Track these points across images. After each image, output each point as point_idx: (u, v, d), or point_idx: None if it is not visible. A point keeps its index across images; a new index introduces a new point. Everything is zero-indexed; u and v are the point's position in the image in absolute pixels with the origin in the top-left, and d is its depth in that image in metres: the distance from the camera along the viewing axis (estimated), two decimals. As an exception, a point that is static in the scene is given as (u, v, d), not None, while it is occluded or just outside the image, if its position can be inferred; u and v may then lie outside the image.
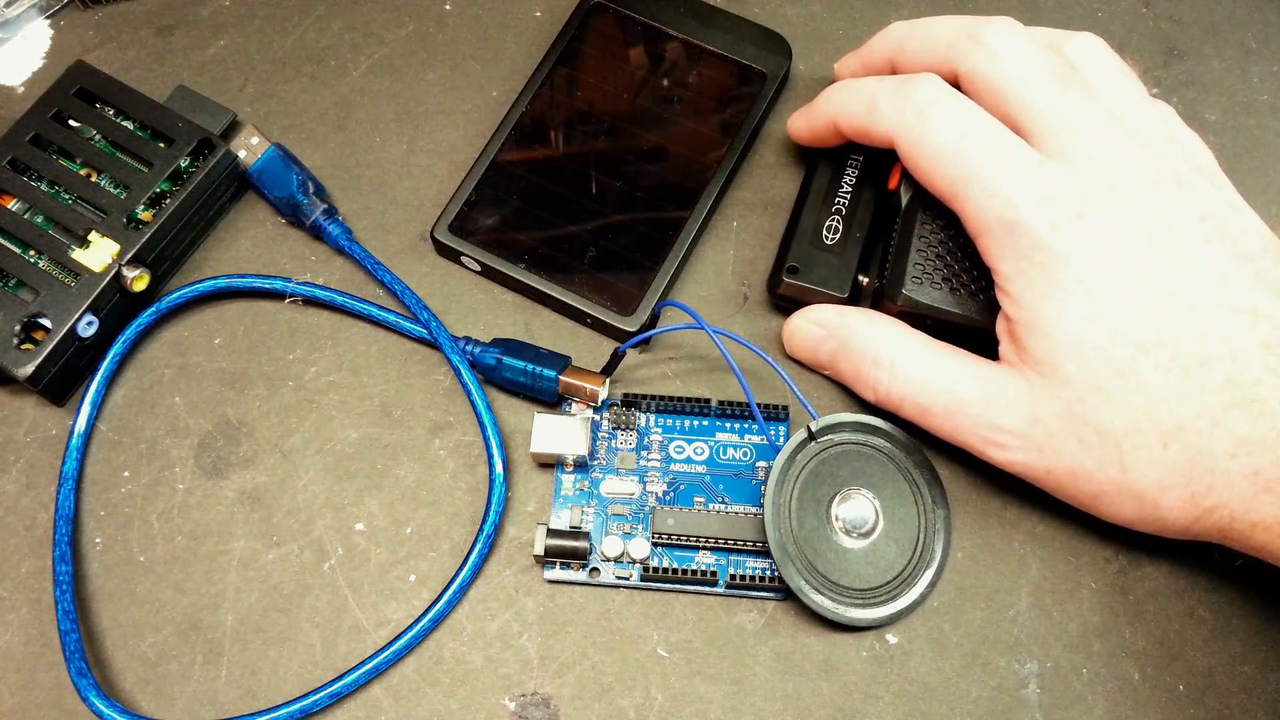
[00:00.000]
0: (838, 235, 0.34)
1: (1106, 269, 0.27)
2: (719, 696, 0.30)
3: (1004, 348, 0.30)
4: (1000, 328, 0.30)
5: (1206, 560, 0.32)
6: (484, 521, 0.31)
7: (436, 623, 0.31)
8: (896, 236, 0.32)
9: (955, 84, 0.31)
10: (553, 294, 0.34)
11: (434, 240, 0.35)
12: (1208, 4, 0.41)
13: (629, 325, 0.33)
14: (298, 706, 0.29)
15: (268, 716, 0.29)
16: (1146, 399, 0.27)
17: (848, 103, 0.33)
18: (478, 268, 0.35)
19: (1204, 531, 0.28)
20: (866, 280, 0.34)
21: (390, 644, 0.30)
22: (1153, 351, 0.27)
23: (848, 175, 0.35)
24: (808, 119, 0.35)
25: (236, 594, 0.31)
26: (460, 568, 0.31)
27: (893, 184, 0.33)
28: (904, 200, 0.32)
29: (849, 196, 0.34)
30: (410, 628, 0.30)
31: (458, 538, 0.32)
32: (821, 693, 0.30)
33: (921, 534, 0.31)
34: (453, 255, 0.35)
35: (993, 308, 0.30)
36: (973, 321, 0.31)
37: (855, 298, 0.33)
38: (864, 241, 0.34)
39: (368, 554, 0.32)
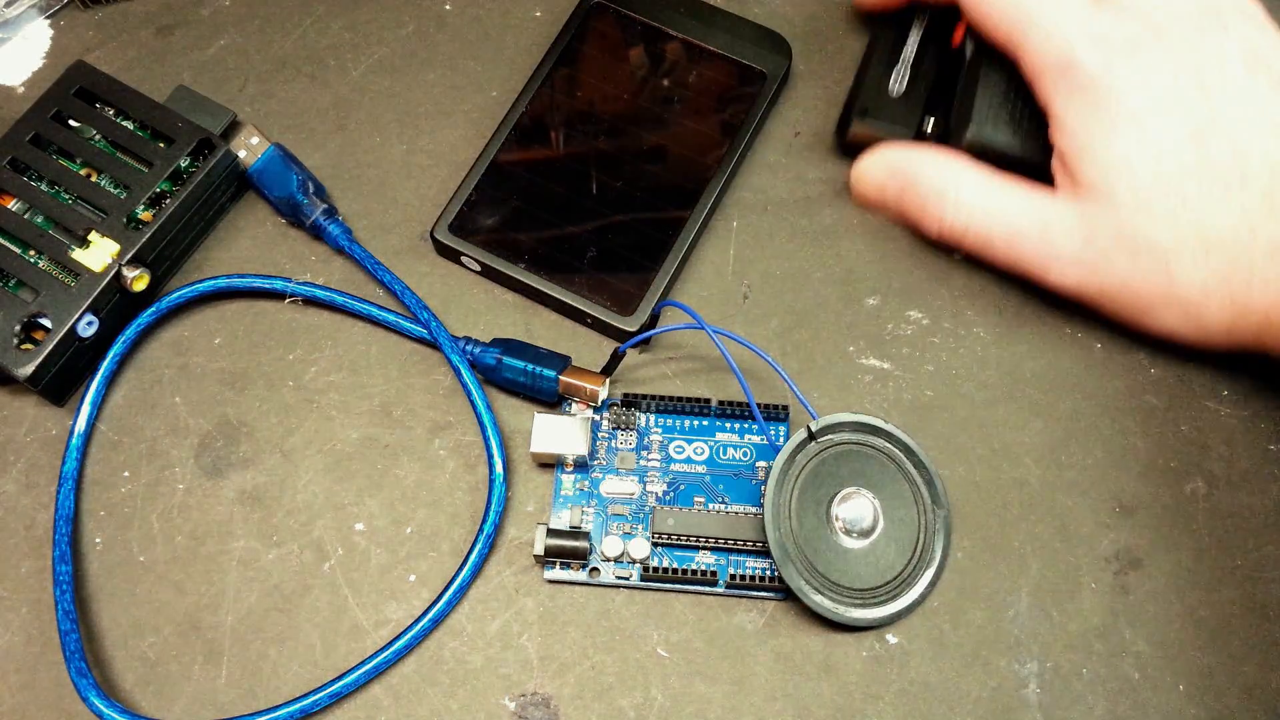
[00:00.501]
0: (904, 85, 0.36)
1: (1155, 101, 0.30)
2: (719, 696, 0.30)
3: (1059, 180, 0.32)
4: (1055, 163, 0.32)
5: (1207, 560, 0.32)
6: (484, 521, 0.31)
7: (436, 623, 0.31)
8: (962, 83, 0.35)
9: None
10: (553, 294, 0.34)
11: (434, 240, 0.35)
12: (1208, 4, 0.41)
13: (629, 325, 0.33)
14: (298, 706, 0.29)
15: (267, 716, 0.29)
16: (1191, 213, 0.30)
17: None
18: (478, 268, 0.35)
19: (1242, 336, 0.31)
20: (932, 124, 0.35)
21: (390, 644, 0.30)
22: (1196, 171, 0.30)
23: (912, 34, 0.36)
24: None
25: (236, 594, 0.31)
26: (460, 568, 0.31)
27: (956, 40, 0.35)
28: (968, 54, 0.35)
29: (915, 52, 0.36)
30: (410, 628, 0.30)
31: (458, 538, 0.32)
32: (821, 693, 0.30)
33: (921, 534, 0.31)
34: (453, 255, 0.35)
35: (1051, 148, 0.32)
36: (1034, 159, 0.33)
37: (921, 140, 0.35)
38: (929, 91, 0.36)
39: (368, 554, 0.32)
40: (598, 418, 0.33)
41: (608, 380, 0.32)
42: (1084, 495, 0.32)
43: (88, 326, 0.33)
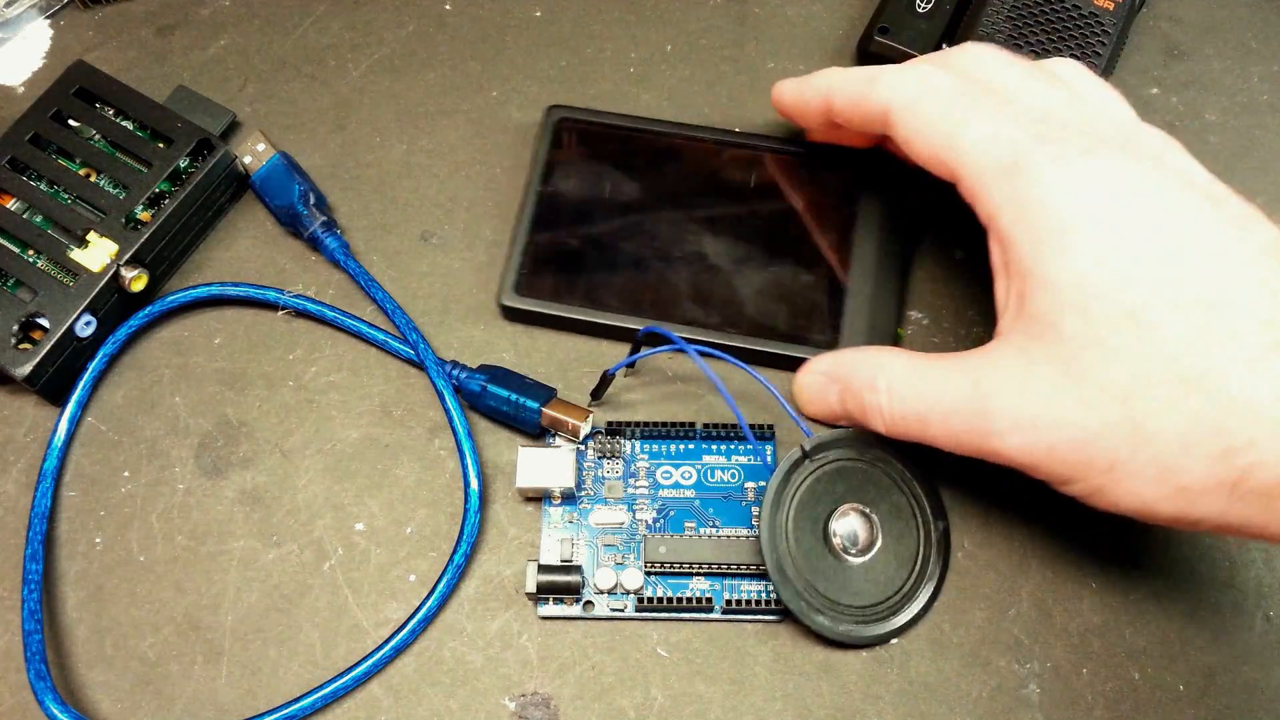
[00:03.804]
0: (931, 4, 0.37)
1: (1115, 207, 0.25)
2: (719, 696, 0.30)
3: (1002, 323, 0.28)
4: (1000, 295, 0.28)
5: (1207, 560, 0.32)
6: (455, 552, 0.31)
7: (427, 622, 0.30)
8: (973, 4, 0.37)
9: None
10: (739, 345, 0.33)
11: (502, 308, 0.34)
12: (1208, 4, 0.41)
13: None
14: (297, 706, 0.29)
15: (268, 719, 0.29)
16: (1160, 344, 0.24)
17: (848, 77, 0.32)
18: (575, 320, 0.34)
19: (1242, 509, 0.24)
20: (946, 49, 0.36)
21: (385, 643, 0.30)
22: (1167, 289, 0.24)
23: None
24: (799, 87, 0.34)
25: (236, 594, 0.31)
26: (427, 597, 0.30)
27: None
28: None
29: None
30: (403, 627, 0.30)
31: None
32: (821, 693, 0.30)
33: (921, 547, 0.30)
34: (525, 318, 0.34)
35: None
36: None
37: None
38: (954, 13, 0.37)
39: (368, 554, 0.32)
40: (583, 447, 0.33)
41: (590, 416, 0.32)
42: (1084, 495, 0.32)
43: (86, 326, 0.33)
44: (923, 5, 0.37)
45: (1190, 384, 0.24)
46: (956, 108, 0.28)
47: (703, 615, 0.31)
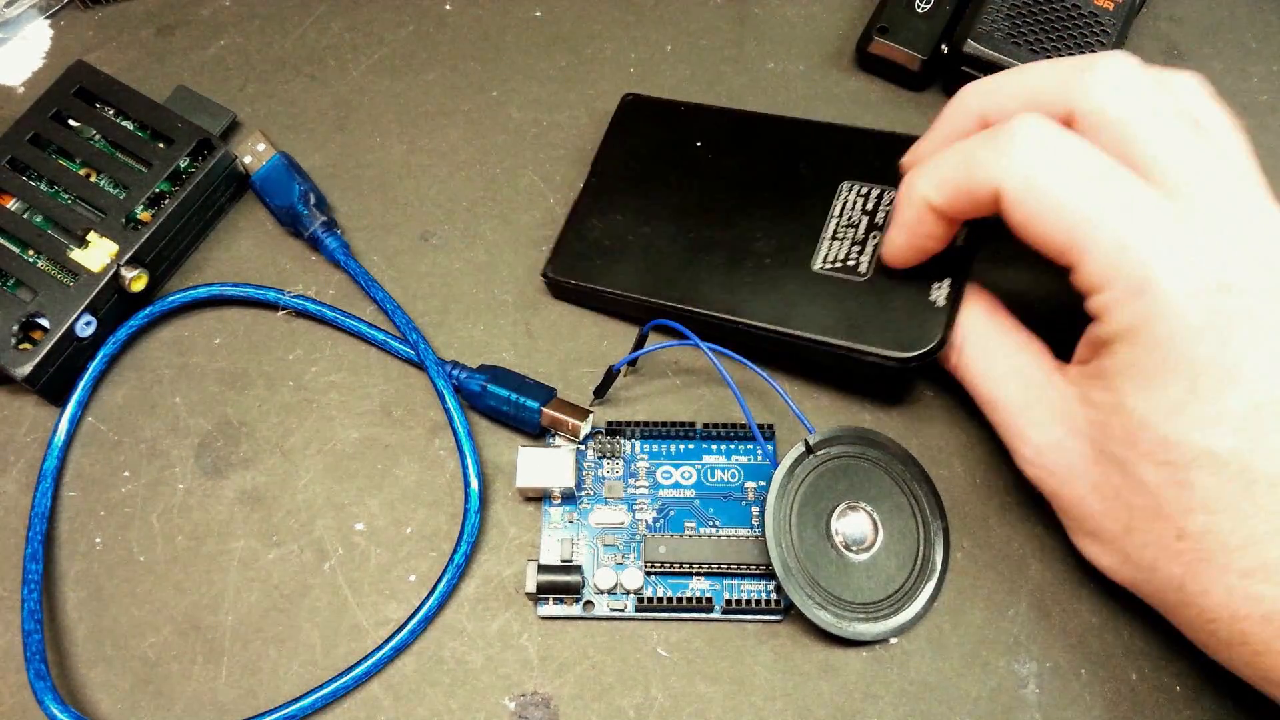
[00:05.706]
0: (930, 3, 0.38)
1: (1245, 358, 0.24)
2: (719, 696, 0.30)
3: (1077, 362, 0.28)
4: (1083, 348, 0.27)
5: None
6: (455, 551, 0.31)
7: (427, 622, 0.30)
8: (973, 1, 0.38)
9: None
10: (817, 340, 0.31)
11: (548, 280, 0.34)
12: (1208, 4, 0.41)
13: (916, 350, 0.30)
14: (297, 706, 0.29)
15: (268, 718, 0.29)
16: (1221, 500, 0.24)
17: (937, 171, 0.28)
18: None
19: (1186, 611, 0.26)
20: (948, 49, 0.37)
21: (385, 643, 0.30)
22: (1261, 457, 0.24)
23: None
24: (905, 228, 0.30)
25: (236, 594, 0.31)
26: (428, 596, 0.30)
27: None
28: None
29: None
30: (403, 627, 0.30)
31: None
32: (821, 693, 0.30)
33: (921, 546, 0.30)
34: (568, 295, 0.35)
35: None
36: None
37: (935, 62, 0.37)
38: (954, 13, 0.38)
39: (368, 554, 0.32)
40: (583, 447, 0.33)
41: (591, 416, 0.32)
42: (1083, 495, 0.32)
43: (86, 327, 0.33)
44: (922, 5, 0.37)
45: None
46: (1082, 197, 0.25)
47: (703, 615, 0.31)
